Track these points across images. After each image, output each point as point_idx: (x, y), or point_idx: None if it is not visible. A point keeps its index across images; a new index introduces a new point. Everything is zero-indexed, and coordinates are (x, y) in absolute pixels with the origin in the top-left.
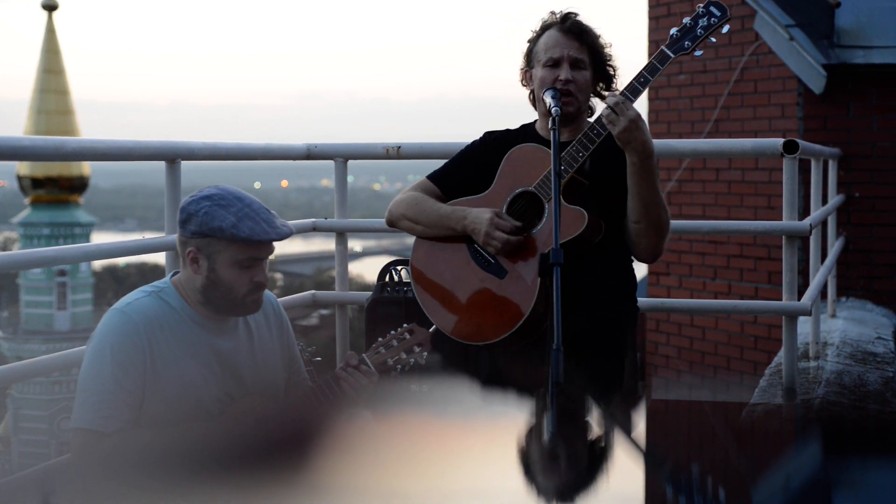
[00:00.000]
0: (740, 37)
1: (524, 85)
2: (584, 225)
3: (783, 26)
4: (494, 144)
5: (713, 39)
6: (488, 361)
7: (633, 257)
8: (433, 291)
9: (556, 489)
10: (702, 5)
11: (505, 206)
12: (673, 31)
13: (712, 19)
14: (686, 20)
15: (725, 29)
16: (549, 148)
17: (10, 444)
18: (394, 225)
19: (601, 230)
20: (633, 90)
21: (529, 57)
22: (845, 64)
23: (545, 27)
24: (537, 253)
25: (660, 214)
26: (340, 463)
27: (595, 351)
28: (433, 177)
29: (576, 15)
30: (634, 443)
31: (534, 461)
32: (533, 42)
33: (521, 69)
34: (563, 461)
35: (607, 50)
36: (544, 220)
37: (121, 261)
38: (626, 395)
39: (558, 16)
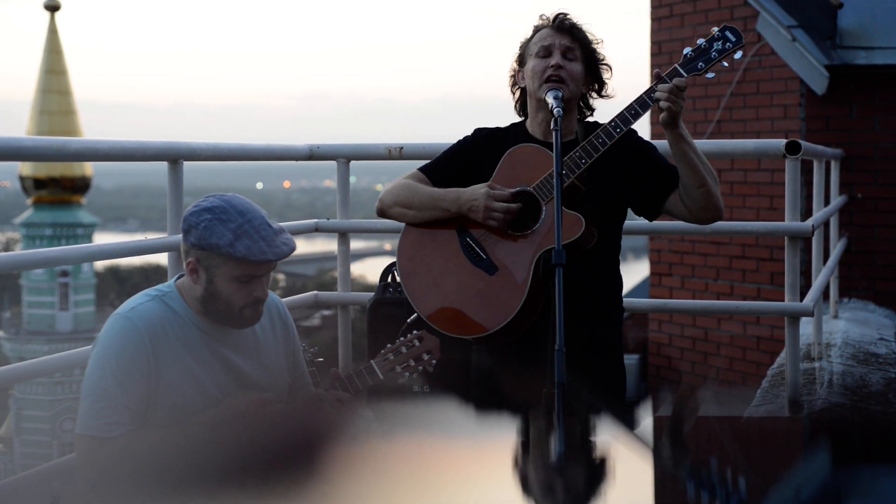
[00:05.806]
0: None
1: (514, 89)
2: (581, 230)
3: (786, 27)
4: (486, 140)
5: (725, 63)
6: (477, 360)
7: (700, 222)
8: (419, 280)
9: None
10: (717, 29)
11: None
12: (686, 50)
13: (727, 44)
14: (700, 41)
15: (738, 55)
16: (547, 149)
17: (12, 445)
18: (384, 213)
19: (594, 237)
20: (641, 104)
21: (522, 58)
22: (847, 65)
23: (537, 29)
24: (531, 253)
25: (710, 167)
26: (344, 479)
27: (591, 353)
28: (425, 169)
29: (566, 15)
30: (643, 449)
31: (543, 479)
32: (525, 45)
33: (512, 72)
34: (570, 477)
35: (598, 47)
36: (541, 221)
37: (123, 262)
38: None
39: (549, 17)
